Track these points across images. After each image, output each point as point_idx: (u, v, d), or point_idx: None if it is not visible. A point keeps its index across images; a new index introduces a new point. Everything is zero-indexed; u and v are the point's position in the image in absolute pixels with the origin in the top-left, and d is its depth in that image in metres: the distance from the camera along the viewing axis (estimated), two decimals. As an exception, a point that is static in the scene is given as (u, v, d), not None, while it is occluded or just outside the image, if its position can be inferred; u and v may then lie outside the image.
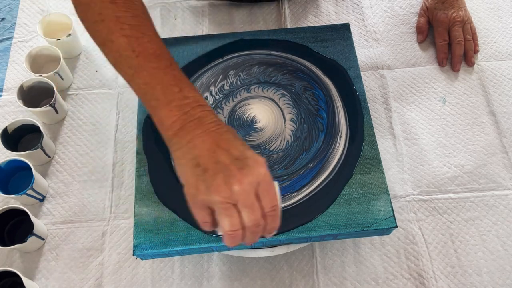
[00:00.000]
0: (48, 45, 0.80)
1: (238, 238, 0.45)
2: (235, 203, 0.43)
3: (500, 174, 0.74)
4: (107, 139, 0.78)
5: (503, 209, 0.72)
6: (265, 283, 0.67)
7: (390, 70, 0.84)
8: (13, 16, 0.90)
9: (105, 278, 0.68)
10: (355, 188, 0.59)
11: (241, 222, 0.44)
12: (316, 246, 0.69)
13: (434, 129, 0.78)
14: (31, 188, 0.68)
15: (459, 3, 0.84)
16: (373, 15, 0.90)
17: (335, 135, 0.63)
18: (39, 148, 0.71)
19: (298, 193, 0.59)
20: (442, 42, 0.84)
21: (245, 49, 0.70)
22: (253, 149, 0.62)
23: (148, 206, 0.59)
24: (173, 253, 0.58)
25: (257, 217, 0.44)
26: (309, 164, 0.61)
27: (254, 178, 0.43)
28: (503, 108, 0.80)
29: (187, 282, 0.67)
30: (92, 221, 0.72)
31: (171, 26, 0.88)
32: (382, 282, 0.67)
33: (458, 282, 0.67)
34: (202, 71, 0.68)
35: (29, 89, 0.76)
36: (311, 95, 0.66)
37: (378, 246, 0.69)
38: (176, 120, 0.46)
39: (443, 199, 0.73)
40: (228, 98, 0.66)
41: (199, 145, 0.45)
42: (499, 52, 0.85)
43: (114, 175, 0.75)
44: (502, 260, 0.68)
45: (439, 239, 0.70)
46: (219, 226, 0.46)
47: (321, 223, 0.57)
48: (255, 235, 0.46)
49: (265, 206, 0.45)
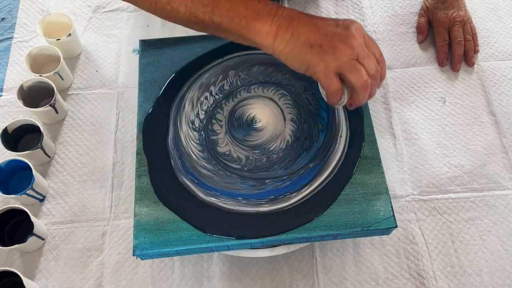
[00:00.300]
0: (48, 45, 0.80)
1: (368, 87, 0.52)
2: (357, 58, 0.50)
3: (500, 174, 0.74)
4: (107, 139, 0.78)
5: (503, 209, 0.72)
6: (265, 283, 0.67)
7: (390, 70, 0.84)
8: (13, 16, 0.90)
9: (105, 278, 0.68)
10: (355, 188, 0.59)
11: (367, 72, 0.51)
12: (316, 246, 0.69)
13: (434, 129, 0.78)
14: (31, 188, 0.68)
15: (459, 3, 0.84)
16: (373, 15, 0.90)
17: (335, 135, 0.63)
18: (39, 148, 0.71)
19: (298, 193, 0.59)
20: (442, 42, 0.84)
21: (245, 49, 0.70)
22: (253, 150, 0.62)
23: (148, 206, 0.59)
24: (173, 253, 0.58)
25: (375, 64, 0.52)
26: (309, 164, 0.61)
27: (359, 33, 0.51)
28: (503, 108, 0.80)
29: (187, 282, 0.67)
30: (92, 221, 0.72)
31: (171, 26, 0.88)
32: (382, 282, 0.67)
33: (458, 282, 0.67)
34: (202, 71, 0.68)
35: (29, 89, 0.76)
36: (311, 95, 0.66)
37: (378, 246, 0.69)
38: (271, 24, 0.51)
39: (443, 199, 0.73)
40: (228, 98, 0.66)
41: (302, 31, 0.51)
42: (499, 52, 0.85)
43: (114, 175, 0.75)
44: (502, 260, 0.68)
45: (439, 239, 0.70)
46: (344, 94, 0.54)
47: (321, 223, 0.57)
48: (376, 82, 0.54)
49: (376, 52, 0.53)
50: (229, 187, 0.60)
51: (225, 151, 0.62)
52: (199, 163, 0.61)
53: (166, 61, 0.69)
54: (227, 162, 0.61)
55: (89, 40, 0.87)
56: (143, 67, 0.68)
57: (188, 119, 0.65)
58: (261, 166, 0.61)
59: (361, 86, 0.52)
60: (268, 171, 0.61)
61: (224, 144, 0.63)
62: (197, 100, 0.66)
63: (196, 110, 0.65)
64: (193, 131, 0.64)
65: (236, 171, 0.61)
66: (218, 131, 0.64)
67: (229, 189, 0.59)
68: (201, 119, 0.65)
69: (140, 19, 0.90)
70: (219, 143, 0.63)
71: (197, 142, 0.63)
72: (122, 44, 0.87)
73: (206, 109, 0.65)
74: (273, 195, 0.59)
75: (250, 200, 0.59)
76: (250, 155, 0.62)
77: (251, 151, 0.62)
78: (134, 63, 0.84)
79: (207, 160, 0.62)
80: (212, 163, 0.61)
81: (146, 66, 0.68)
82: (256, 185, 0.60)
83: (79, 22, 0.89)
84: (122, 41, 0.87)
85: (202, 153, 0.62)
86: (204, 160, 0.62)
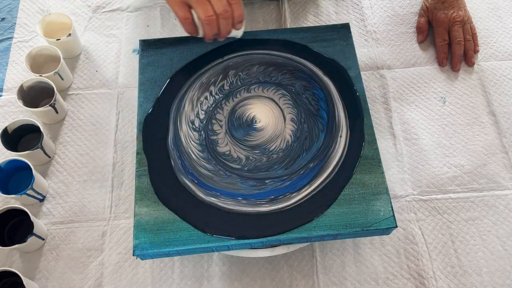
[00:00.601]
0: (48, 45, 0.80)
1: (214, 25, 0.60)
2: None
3: (500, 174, 0.74)
4: (107, 139, 0.78)
5: (503, 209, 0.72)
6: (265, 283, 0.67)
7: (390, 70, 0.84)
8: (13, 16, 0.90)
9: (105, 278, 0.68)
10: (355, 188, 0.59)
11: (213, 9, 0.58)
12: (316, 246, 0.69)
13: (434, 129, 0.78)
14: (31, 188, 0.68)
15: (459, 3, 0.84)
16: (373, 15, 0.90)
17: (335, 135, 0.63)
18: (39, 148, 0.71)
19: (298, 193, 0.59)
20: (442, 42, 0.84)
21: (245, 49, 0.70)
22: (253, 150, 0.62)
23: (148, 206, 0.59)
24: (173, 253, 0.58)
25: (225, 3, 0.59)
26: (309, 164, 0.61)
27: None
28: (503, 108, 0.80)
29: (187, 282, 0.67)
30: (92, 221, 0.72)
31: (171, 26, 0.88)
32: (382, 282, 0.67)
33: (458, 282, 0.67)
34: (202, 71, 0.68)
35: (29, 89, 0.76)
36: (311, 95, 0.66)
37: (378, 246, 0.69)
38: None
39: (443, 199, 0.73)
40: (228, 98, 0.66)
41: None
42: (499, 52, 0.85)
43: (114, 175, 0.75)
44: (502, 260, 0.68)
45: (439, 239, 0.70)
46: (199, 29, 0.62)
47: (321, 223, 0.57)
48: (227, 22, 0.61)
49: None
50: (229, 187, 0.60)
51: (225, 151, 0.62)
52: (199, 163, 0.61)
53: (166, 61, 0.69)
54: (227, 162, 0.61)
55: (89, 40, 0.87)
56: (143, 67, 0.68)
57: (188, 119, 0.65)
58: (261, 166, 0.61)
59: (205, 20, 0.59)
60: (268, 171, 0.61)
61: (224, 144, 0.63)
62: (197, 100, 0.66)
63: (196, 110, 0.65)
64: (193, 131, 0.64)
65: (236, 171, 0.61)
66: (218, 131, 0.64)
67: (229, 189, 0.60)
68: (201, 119, 0.65)
69: (140, 19, 0.90)
70: (219, 143, 0.63)
71: (197, 142, 0.63)
72: (122, 44, 0.87)
73: (206, 109, 0.65)
74: (273, 195, 0.59)
75: (250, 200, 0.59)
76: (250, 155, 0.62)
77: (251, 151, 0.62)
78: (134, 63, 0.84)
79: (207, 160, 0.62)
80: (212, 163, 0.61)
81: (146, 66, 0.68)
82: (256, 185, 0.60)
83: (79, 22, 0.89)
84: (122, 41, 0.87)
85: (202, 153, 0.62)
86: (204, 160, 0.62)
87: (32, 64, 0.79)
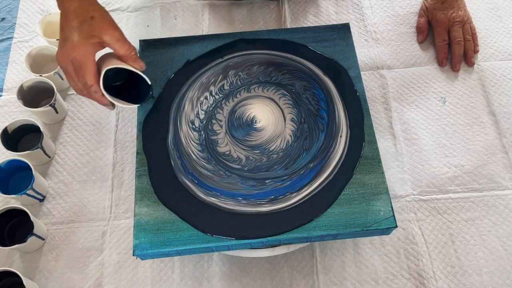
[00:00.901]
0: (48, 45, 0.80)
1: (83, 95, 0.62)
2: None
3: (500, 174, 0.74)
4: (107, 139, 0.78)
5: (503, 209, 0.72)
6: (265, 283, 0.67)
7: (390, 70, 0.84)
8: (13, 16, 0.90)
9: (105, 278, 0.68)
10: (355, 188, 0.59)
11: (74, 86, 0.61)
12: (316, 246, 0.69)
13: (434, 129, 0.78)
14: (31, 188, 0.68)
15: (459, 3, 0.84)
16: (373, 15, 0.90)
17: (335, 135, 0.63)
18: (39, 148, 0.71)
19: (298, 193, 0.59)
20: (442, 42, 0.84)
21: (245, 49, 0.70)
22: (253, 150, 0.62)
23: (148, 206, 0.59)
24: (173, 253, 0.58)
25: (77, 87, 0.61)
26: (309, 164, 0.61)
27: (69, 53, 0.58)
28: (503, 108, 0.80)
29: (187, 282, 0.67)
30: (92, 221, 0.72)
31: (171, 26, 0.88)
32: (382, 282, 0.67)
33: (458, 282, 0.67)
34: (202, 71, 0.68)
35: (29, 89, 0.76)
36: (312, 95, 0.66)
37: (378, 246, 0.69)
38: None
39: (443, 199, 0.73)
40: (228, 98, 0.66)
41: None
42: (499, 52, 0.85)
43: (114, 175, 0.75)
44: (502, 260, 0.68)
45: (439, 239, 0.70)
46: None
47: (321, 223, 0.57)
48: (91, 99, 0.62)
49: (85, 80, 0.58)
50: (229, 187, 0.60)
51: (225, 151, 0.62)
52: (199, 163, 0.61)
53: (166, 61, 0.69)
54: (227, 162, 0.61)
55: (89, 40, 0.87)
56: (143, 67, 0.68)
57: (188, 119, 0.65)
58: (261, 166, 0.61)
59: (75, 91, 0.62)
60: (268, 171, 0.61)
61: (224, 144, 0.63)
62: (197, 100, 0.66)
63: (196, 110, 0.65)
64: (193, 131, 0.64)
65: (236, 171, 0.61)
66: (218, 131, 0.64)
67: (229, 189, 0.59)
68: (201, 119, 0.65)
69: (140, 19, 0.90)
70: (219, 143, 0.63)
71: (197, 142, 0.63)
72: (122, 44, 0.87)
73: (206, 109, 0.65)
74: (273, 195, 0.59)
75: (250, 200, 0.59)
76: (250, 155, 0.62)
77: (251, 151, 0.62)
78: (134, 63, 0.84)
79: (207, 160, 0.62)
80: (212, 163, 0.61)
81: (146, 66, 0.68)
82: (256, 185, 0.60)
83: (79, 22, 0.89)
84: (122, 41, 0.87)
85: (202, 153, 0.62)
86: (204, 160, 0.62)
87: (32, 64, 0.79)
